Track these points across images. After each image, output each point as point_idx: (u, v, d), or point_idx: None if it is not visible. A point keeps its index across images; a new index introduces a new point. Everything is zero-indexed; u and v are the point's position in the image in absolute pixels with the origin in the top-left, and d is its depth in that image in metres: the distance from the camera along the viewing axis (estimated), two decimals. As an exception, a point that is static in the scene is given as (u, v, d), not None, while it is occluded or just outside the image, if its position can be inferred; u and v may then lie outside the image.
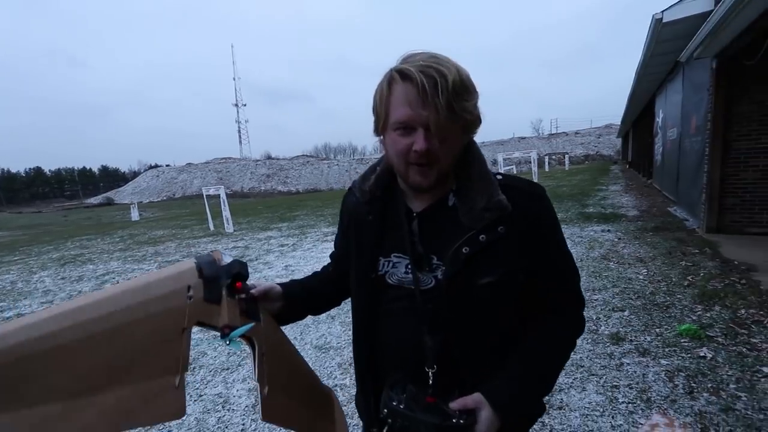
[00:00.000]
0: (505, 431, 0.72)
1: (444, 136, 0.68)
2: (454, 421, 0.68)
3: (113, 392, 0.49)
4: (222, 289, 0.68)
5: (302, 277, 1.02)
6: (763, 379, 2.18)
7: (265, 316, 0.78)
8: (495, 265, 0.72)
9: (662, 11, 5.36)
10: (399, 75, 0.67)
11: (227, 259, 0.73)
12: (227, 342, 0.67)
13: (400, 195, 0.81)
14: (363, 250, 0.82)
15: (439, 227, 0.76)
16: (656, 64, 7.75)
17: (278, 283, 0.89)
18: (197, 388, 2.66)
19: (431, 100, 0.64)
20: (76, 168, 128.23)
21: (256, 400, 2.45)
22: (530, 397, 0.76)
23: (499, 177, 0.77)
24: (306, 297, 0.95)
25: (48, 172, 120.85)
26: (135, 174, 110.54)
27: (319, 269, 1.07)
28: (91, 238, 12.48)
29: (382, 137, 0.76)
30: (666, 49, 6.53)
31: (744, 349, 2.49)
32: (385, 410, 0.71)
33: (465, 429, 0.68)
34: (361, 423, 0.92)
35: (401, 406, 0.69)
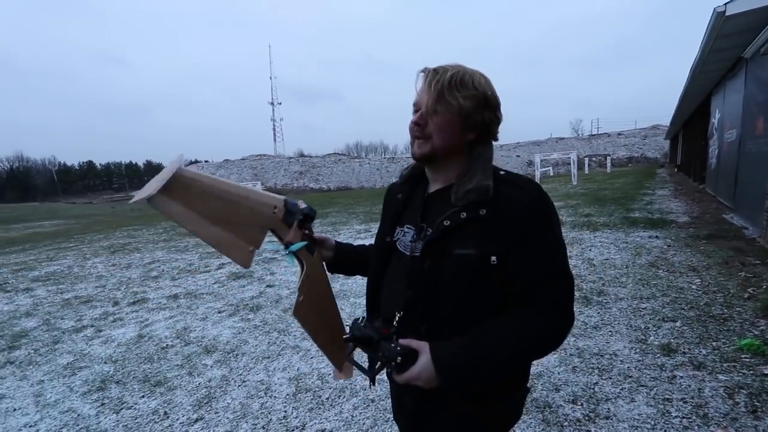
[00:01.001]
0: (464, 404, 0.88)
1: (432, 115, 0.84)
2: (392, 345, 0.80)
3: (220, 229, 0.84)
4: (295, 219, 0.96)
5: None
6: (838, 403, 1.99)
7: (317, 255, 1.03)
8: (470, 241, 0.81)
9: (725, 3, 5.00)
10: (422, 72, 0.88)
11: (304, 206, 0.99)
12: (287, 251, 0.94)
13: (425, 181, 0.98)
14: (386, 219, 1.02)
15: (438, 206, 0.89)
16: (715, 61, 7.23)
17: (336, 241, 1.14)
18: (241, 374, 2.77)
19: (428, 85, 0.84)
20: (123, 162, 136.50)
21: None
22: (474, 366, 0.78)
23: (502, 173, 0.88)
24: (353, 256, 1.15)
25: (99, 166, 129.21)
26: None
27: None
28: (137, 228, 13.26)
29: None
30: (727, 44, 6.08)
31: (816, 369, 2.29)
32: (350, 324, 0.89)
33: (396, 355, 0.79)
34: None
35: (361, 323, 0.87)
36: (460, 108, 0.83)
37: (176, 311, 4.27)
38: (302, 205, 0.99)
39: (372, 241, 1.11)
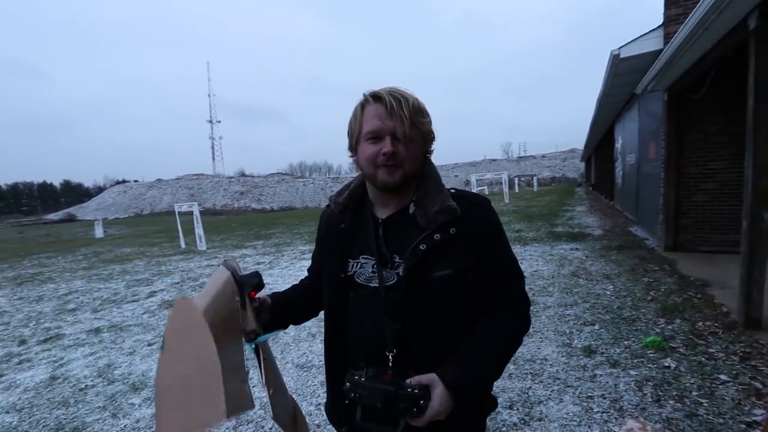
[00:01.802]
0: (461, 424, 0.84)
1: (407, 142, 0.83)
2: (409, 390, 0.75)
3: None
4: (246, 295, 0.77)
5: (282, 290, 1.10)
6: (721, 386, 2.35)
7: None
8: (448, 261, 0.83)
9: (619, 48, 5.87)
10: (372, 97, 0.85)
11: (251, 272, 0.82)
12: (252, 345, 0.78)
13: (368, 206, 0.94)
14: (334, 254, 0.94)
15: (400, 231, 0.88)
16: (615, 95, 8.37)
17: (267, 296, 0.98)
18: (174, 411, 2.57)
19: (397, 113, 0.82)
20: (35, 182, 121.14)
21: (264, 404, 2.40)
22: (479, 380, 0.84)
23: (452, 190, 0.92)
24: (288, 308, 1.04)
25: (3, 186, 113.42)
26: (100, 189, 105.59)
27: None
28: (50, 255, 11.76)
29: (355, 156, 0.90)
30: (623, 81, 7.10)
31: (703, 359, 2.68)
32: (348, 384, 0.79)
33: (418, 398, 0.75)
34: None
35: (362, 379, 0.78)
36: (424, 133, 0.87)
37: (98, 347, 3.84)
38: (245, 270, 0.82)
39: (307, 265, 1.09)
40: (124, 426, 2.45)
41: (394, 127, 0.82)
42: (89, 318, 4.86)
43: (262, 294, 0.89)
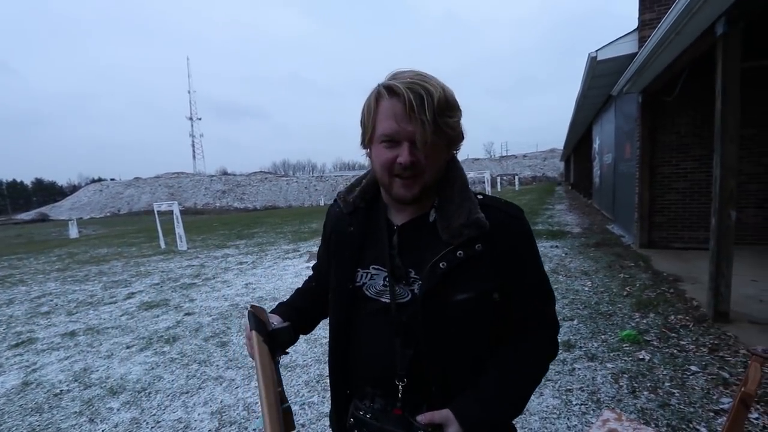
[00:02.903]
0: None
1: (428, 150, 0.70)
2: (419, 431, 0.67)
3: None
4: (277, 356, 0.77)
5: (289, 299, 1.02)
6: (691, 377, 2.46)
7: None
8: (471, 282, 0.72)
9: (596, 50, 6.04)
10: (386, 91, 0.70)
11: (280, 326, 0.81)
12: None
13: (382, 208, 0.82)
14: (342, 261, 0.83)
15: (418, 242, 0.76)
16: (592, 96, 8.61)
17: (276, 313, 0.92)
18: (154, 414, 2.52)
19: (417, 115, 0.66)
20: (4, 181, 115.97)
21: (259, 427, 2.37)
22: (499, 419, 0.74)
23: (480, 197, 0.78)
24: (299, 322, 0.94)
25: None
26: (75, 188, 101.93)
27: (300, 285, 1.07)
28: (21, 257, 11.29)
29: (368, 150, 0.78)
30: (600, 83, 7.30)
31: (675, 351, 2.80)
32: (352, 420, 0.72)
33: None
34: None
35: (368, 416, 0.70)
36: (449, 136, 0.72)
37: (73, 350, 3.73)
38: (275, 321, 0.83)
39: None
40: (102, 430, 2.39)
41: (413, 132, 0.68)
42: (64, 321, 4.70)
43: (276, 319, 0.86)
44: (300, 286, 1.05)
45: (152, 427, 2.38)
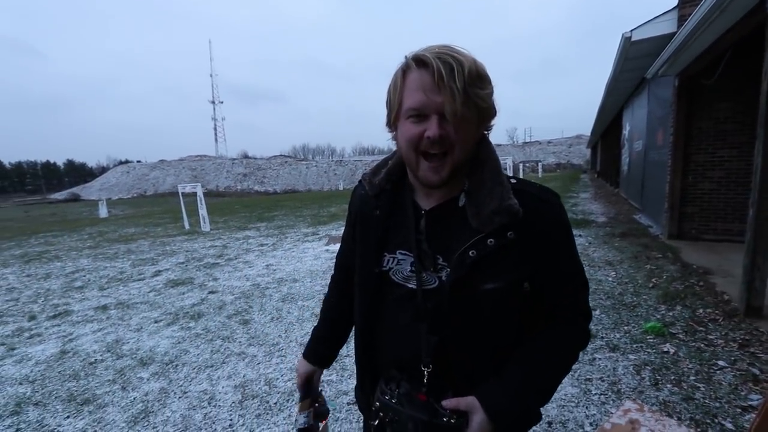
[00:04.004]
0: None
1: (458, 123, 0.65)
2: (444, 420, 0.67)
3: None
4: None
5: (323, 316, 1.08)
6: (718, 372, 2.39)
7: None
8: (501, 271, 0.70)
9: (631, 30, 5.71)
10: (414, 62, 0.66)
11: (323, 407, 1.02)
12: None
13: (409, 191, 0.79)
14: (368, 245, 0.81)
15: (447, 227, 0.74)
16: (624, 80, 8.21)
17: (312, 358, 1.02)
18: (181, 385, 2.64)
19: (447, 84, 0.63)
20: (39, 162, 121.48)
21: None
22: (526, 407, 0.72)
23: (513, 181, 0.75)
24: (336, 344, 1.04)
25: (8, 165, 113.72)
26: (103, 169, 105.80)
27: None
28: (56, 234, 11.88)
29: (394, 132, 0.74)
30: (633, 66, 6.94)
31: (702, 345, 2.71)
32: (378, 403, 0.72)
33: (454, 429, 0.67)
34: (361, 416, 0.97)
35: (393, 401, 0.70)
36: (480, 109, 0.67)
37: (106, 323, 3.93)
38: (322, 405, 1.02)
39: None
40: (134, 398, 2.52)
41: (442, 103, 0.64)
42: (96, 295, 4.94)
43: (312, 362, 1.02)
44: (327, 283, 1.12)
45: (179, 397, 2.50)
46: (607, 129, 17.45)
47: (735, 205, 5.37)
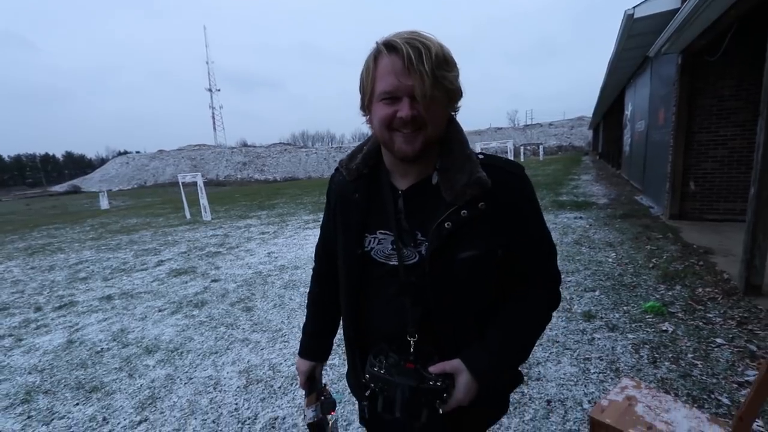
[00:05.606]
0: (485, 398, 0.79)
1: (428, 104, 0.69)
2: (431, 383, 0.71)
3: None
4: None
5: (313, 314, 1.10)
6: (716, 349, 2.41)
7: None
8: (476, 240, 0.75)
9: (634, 7, 5.58)
10: (385, 47, 0.70)
11: (330, 398, 1.03)
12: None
13: (385, 174, 0.83)
14: (350, 228, 0.84)
15: (423, 204, 0.78)
16: (627, 58, 8.05)
17: (309, 355, 1.04)
18: (186, 372, 2.69)
19: (416, 68, 0.66)
20: (38, 154, 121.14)
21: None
22: (507, 364, 0.81)
23: (480, 156, 0.79)
24: (328, 336, 1.07)
25: (6, 158, 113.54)
26: (103, 161, 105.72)
27: (310, 286, 1.13)
28: (59, 227, 11.94)
29: (368, 115, 0.78)
30: (636, 44, 6.80)
31: (701, 323, 2.73)
32: (367, 375, 0.76)
33: (441, 391, 0.72)
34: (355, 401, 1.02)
35: (382, 371, 0.74)
36: (448, 90, 0.72)
37: (111, 313, 3.98)
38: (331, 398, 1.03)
39: (317, 231, 1.09)
40: (141, 385, 2.57)
41: (413, 86, 0.68)
42: (100, 286, 4.99)
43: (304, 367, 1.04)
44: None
45: (185, 383, 2.55)
46: (610, 110, 17.22)
47: (738, 184, 5.33)
